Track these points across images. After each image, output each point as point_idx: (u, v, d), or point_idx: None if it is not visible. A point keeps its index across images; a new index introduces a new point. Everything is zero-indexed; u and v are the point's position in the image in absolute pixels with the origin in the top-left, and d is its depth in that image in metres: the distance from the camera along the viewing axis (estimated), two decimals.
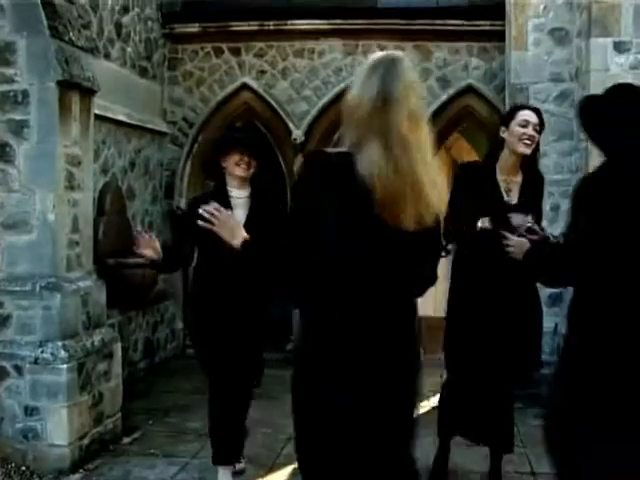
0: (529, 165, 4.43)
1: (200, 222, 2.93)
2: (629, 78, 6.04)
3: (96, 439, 5.25)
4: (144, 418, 6.07)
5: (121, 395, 5.67)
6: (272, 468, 5.03)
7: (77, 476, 4.88)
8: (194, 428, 5.83)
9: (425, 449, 5.23)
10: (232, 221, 2.96)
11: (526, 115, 4.34)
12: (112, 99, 6.70)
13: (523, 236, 3.84)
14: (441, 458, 4.78)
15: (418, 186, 2.52)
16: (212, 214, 2.91)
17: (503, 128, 4.37)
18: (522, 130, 4.28)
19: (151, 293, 7.33)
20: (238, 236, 2.86)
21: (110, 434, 5.46)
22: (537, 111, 4.48)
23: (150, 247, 4.10)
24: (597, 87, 6.11)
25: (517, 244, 3.76)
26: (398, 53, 2.68)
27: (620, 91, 3.09)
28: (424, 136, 2.64)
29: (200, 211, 2.97)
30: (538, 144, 4.41)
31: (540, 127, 4.37)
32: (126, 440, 5.57)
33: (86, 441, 5.11)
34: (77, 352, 5.04)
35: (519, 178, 4.39)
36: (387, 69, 2.52)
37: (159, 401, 6.59)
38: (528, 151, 4.29)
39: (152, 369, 7.62)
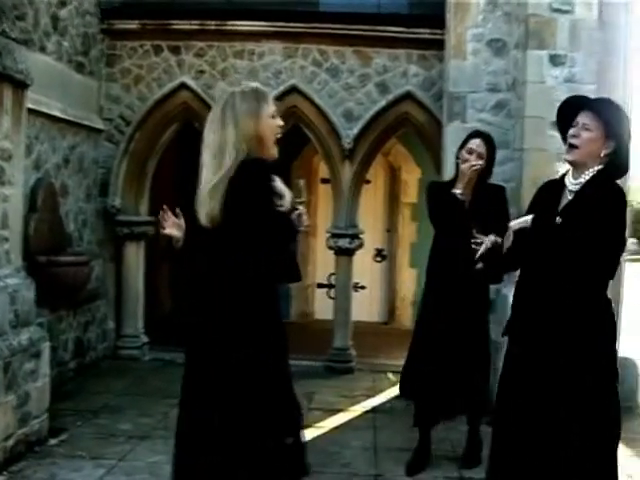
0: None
1: None
2: (564, 90, 6.17)
3: (21, 440, 5.13)
4: (72, 419, 5.97)
5: (48, 395, 5.55)
6: None
7: (0, 479, 4.75)
8: (124, 430, 5.77)
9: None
10: None
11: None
12: (47, 94, 6.58)
13: None
14: (422, 448, 5.20)
15: None
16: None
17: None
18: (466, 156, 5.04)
19: (83, 292, 7.21)
20: None
21: (36, 435, 5.34)
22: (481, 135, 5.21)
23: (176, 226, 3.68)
24: (533, 98, 6.25)
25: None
26: None
27: None
28: None
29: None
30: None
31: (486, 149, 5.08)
32: (53, 442, 5.46)
33: (11, 442, 4.99)
34: (3, 351, 4.92)
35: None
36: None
37: (88, 402, 6.48)
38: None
39: (82, 369, 7.49)
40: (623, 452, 4.57)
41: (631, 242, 14.59)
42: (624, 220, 3.47)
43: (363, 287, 10.69)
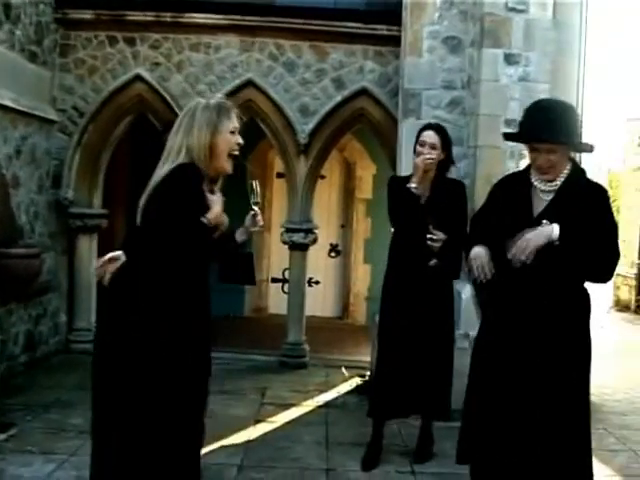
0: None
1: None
2: (518, 89, 6.26)
3: None
4: (22, 414, 5.88)
5: None
6: None
7: None
8: (75, 424, 5.69)
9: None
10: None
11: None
12: None
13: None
14: (375, 442, 5.19)
15: None
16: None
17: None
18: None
19: (34, 285, 7.11)
20: None
21: None
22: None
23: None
24: (488, 96, 6.32)
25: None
26: None
27: None
28: None
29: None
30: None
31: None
32: (2, 437, 5.37)
33: None
34: None
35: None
36: None
37: (39, 396, 6.40)
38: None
39: (33, 363, 7.40)
40: None
41: None
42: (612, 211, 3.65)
43: (317, 282, 10.71)
